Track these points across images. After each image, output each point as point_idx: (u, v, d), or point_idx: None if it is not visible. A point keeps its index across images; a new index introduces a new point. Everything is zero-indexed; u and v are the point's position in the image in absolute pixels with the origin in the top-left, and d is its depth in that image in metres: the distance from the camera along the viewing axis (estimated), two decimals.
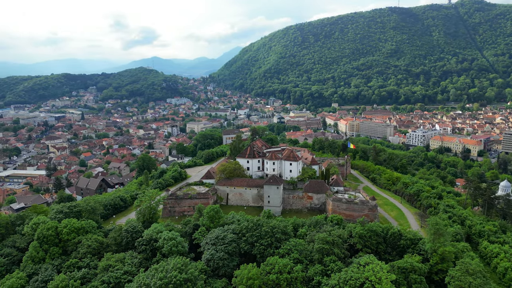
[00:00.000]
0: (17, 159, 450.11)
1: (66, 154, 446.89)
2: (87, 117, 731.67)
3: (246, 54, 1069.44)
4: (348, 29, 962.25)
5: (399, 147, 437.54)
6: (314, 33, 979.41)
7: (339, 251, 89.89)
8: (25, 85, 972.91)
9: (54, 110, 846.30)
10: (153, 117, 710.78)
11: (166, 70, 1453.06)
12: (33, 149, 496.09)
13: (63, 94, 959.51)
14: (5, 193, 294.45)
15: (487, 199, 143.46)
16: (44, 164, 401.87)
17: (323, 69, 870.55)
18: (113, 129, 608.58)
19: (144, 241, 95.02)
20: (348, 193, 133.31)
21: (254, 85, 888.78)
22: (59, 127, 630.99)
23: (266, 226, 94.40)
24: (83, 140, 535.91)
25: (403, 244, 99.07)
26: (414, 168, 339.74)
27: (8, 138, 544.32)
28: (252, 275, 79.95)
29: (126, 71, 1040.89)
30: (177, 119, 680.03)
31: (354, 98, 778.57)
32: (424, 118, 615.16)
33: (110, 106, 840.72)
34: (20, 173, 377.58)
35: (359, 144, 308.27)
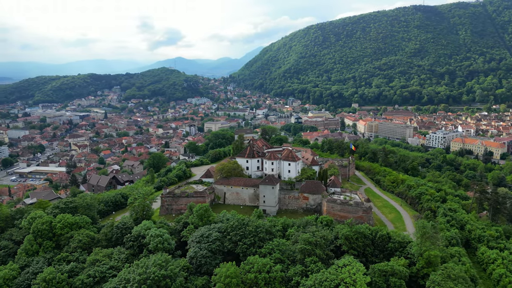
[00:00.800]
0: (41, 156, 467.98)
1: (86, 151, 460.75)
2: (110, 116, 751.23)
3: (267, 54, 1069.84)
4: (371, 28, 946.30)
5: (417, 148, 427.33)
6: (336, 33, 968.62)
7: (321, 252, 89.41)
8: (53, 85, 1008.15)
9: (79, 109, 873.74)
10: (173, 116, 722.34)
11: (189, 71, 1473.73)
12: (57, 146, 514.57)
13: (89, 94, 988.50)
14: (25, 189, 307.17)
15: (492, 203, 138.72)
16: (65, 161, 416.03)
17: (343, 69, 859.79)
18: (133, 128, 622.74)
19: (132, 237, 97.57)
20: (345, 194, 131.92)
21: (274, 85, 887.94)
22: (82, 126, 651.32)
23: (250, 226, 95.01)
24: (104, 138, 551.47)
25: (391, 247, 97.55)
26: (429, 171, 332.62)
27: (34, 136, 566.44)
28: (230, 274, 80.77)
29: (149, 71, 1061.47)
30: (196, 119, 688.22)
31: (375, 99, 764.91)
32: (447, 120, 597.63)
33: (133, 105, 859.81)
34: (42, 169, 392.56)
35: (370, 145, 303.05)
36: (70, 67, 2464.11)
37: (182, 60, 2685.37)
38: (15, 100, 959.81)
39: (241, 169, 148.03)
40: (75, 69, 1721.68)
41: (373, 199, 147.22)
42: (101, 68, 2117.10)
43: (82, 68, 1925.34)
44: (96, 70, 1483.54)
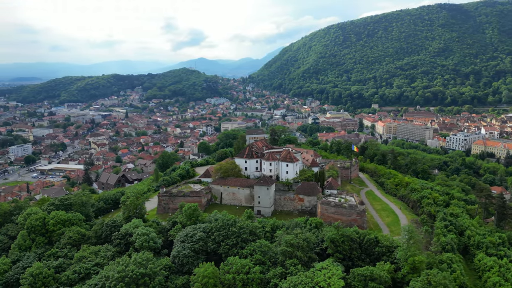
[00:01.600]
0: (62, 154, 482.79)
1: (105, 150, 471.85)
2: (131, 115, 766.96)
3: (286, 54, 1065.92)
4: (393, 28, 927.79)
5: (436, 151, 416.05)
6: (357, 32, 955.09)
7: (303, 254, 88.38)
8: (78, 85, 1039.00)
9: (102, 108, 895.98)
10: (191, 116, 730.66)
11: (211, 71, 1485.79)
12: (78, 145, 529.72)
13: (112, 94, 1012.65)
14: (44, 185, 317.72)
15: (497, 208, 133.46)
16: (84, 159, 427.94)
17: (364, 69, 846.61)
18: (152, 127, 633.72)
19: (119, 235, 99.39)
20: (340, 196, 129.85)
21: (292, 85, 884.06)
22: (104, 125, 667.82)
23: (233, 226, 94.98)
24: (124, 137, 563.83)
25: (378, 252, 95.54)
26: (447, 174, 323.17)
27: (57, 134, 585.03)
28: (207, 274, 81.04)
29: (170, 72, 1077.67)
30: (214, 119, 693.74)
31: (396, 99, 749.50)
32: (471, 121, 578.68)
33: (154, 105, 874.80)
34: (61, 167, 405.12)
35: (387, 147, 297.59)
36: (96, 67, 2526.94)
37: (204, 61, 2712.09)
38: (42, 99, 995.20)
39: (239, 169, 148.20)
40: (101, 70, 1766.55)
41: (373, 202, 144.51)
42: (125, 68, 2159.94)
43: (108, 69, 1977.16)
44: (121, 70, 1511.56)
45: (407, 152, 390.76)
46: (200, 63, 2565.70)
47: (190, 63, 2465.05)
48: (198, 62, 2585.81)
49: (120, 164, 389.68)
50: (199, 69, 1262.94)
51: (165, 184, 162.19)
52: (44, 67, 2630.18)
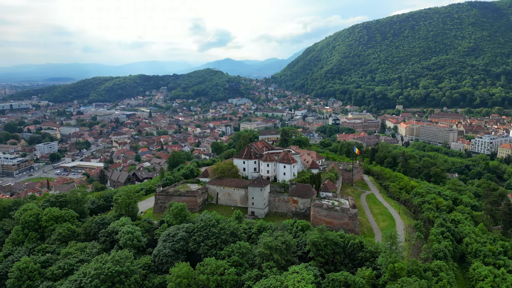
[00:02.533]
0: (85, 152, 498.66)
1: (126, 149, 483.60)
2: (154, 115, 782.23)
3: (309, 54, 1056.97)
4: (420, 26, 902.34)
5: (459, 154, 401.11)
6: (382, 32, 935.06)
7: (280, 257, 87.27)
8: (106, 85, 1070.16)
9: (128, 108, 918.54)
10: (213, 116, 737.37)
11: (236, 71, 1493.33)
12: (101, 143, 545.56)
13: (138, 94, 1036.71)
14: (64, 182, 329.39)
15: (503, 215, 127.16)
16: (105, 157, 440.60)
17: (389, 69, 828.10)
18: (174, 127, 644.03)
19: (106, 232, 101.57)
20: (335, 199, 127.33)
21: (315, 86, 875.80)
22: (127, 124, 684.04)
23: (214, 227, 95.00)
24: (146, 136, 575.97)
25: (361, 257, 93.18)
26: (467, 178, 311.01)
27: (82, 133, 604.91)
28: (181, 274, 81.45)
29: (194, 72, 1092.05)
30: (235, 119, 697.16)
31: (422, 100, 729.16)
32: (501, 123, 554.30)
33: (177, 105, 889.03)
34: (83, 164, 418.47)
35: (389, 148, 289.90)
36: (126, 68, 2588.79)
37: (230, 61, 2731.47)
38: (72, 99, 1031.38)
39: (236, 170, 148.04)
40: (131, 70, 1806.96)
41: (372, 205, 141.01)
42: (154, 69, 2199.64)
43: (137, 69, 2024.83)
44: (149, 71, 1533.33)
45: (427, 155, 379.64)
46: (227, 63, 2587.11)
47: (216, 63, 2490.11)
48: (225, 63, 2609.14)
49: (138, 163, 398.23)
50: (225, 69, 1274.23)
51: (167, 183, 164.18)
52: (77, 68, 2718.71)
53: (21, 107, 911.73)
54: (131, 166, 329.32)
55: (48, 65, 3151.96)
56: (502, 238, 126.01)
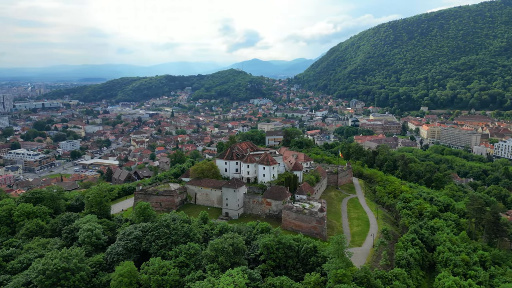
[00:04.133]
0: (106, 150, 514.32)
1: (143, 147, 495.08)
2: (177, 115, 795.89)
3: (333, 55, 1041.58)
4: (449, 25, 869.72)
5: (479, 158, 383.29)
6: (409, 31, 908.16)
7: (225, 259, 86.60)
8: (133, 85, 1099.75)
9: (152, 107, 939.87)
10: (233, 116, 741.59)
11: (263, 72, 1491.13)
12: (121, 141, 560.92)
13: (163, 94, 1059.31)
14: (78, 179, 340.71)
15: (485, 224, 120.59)
16: (122, 155, 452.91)
17: (415, 69, 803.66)
18: (193, 126, 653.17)
19: (68, 229, 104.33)
20: (308, 202, 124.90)
21: (337, 86, 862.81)
22: (149, 123, 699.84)
23: (167, 228, 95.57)
24: (165, 135, 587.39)
25: (313, 262, 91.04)
26: (483, 183, 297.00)
27: (105, 131, 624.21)
28: (123, 273, 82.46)
29: (218, 73, 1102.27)
30: (254, 119, 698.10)
31: (449, 102, 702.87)
32: None
33: (199, 105, 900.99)
34: (101, 162, 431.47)
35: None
36: (157, 68, 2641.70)
37: (258, 62, 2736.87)
38: (101, 98, 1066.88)
39: (216, 170, 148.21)
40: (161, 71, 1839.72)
41: (351, 210, 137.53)
42: (183, 69, 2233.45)
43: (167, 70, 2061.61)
44: (179, 71, 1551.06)
45: (444, 158, 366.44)
46: (254, 64, 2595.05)
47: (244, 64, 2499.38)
48: (252, 63, 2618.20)
49: (152, 161, 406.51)
50: (252, 70, 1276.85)
51: (156, 182, 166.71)
52: (110, 69, 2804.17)
53: (53, 106, 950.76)
54: (140, 165, 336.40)
55: (84, 66, 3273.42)
56: (484, 248, 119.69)
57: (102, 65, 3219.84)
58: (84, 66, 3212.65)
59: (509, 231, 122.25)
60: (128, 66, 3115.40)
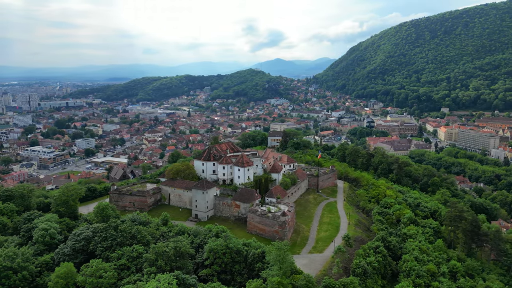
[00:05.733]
0: (119, 148, 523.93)
1: (154, 146, 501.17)
2: (193, 114, 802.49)
3: (353, 54, 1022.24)
4: (475, 23, 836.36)
5: (495, 162, 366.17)
6: (432, 29, 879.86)
7: (164, 263, 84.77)
8: (154, 85, 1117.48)
9: (171, 107, 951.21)
10: (248, 116, 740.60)
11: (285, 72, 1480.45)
12: (135, 140, 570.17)
13: (183, 93, 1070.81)
14: (86, 176, 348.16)
15: (461, 232, 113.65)
16: (133, 154, 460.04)
17: (436, 69, 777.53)
18: (207, 126, 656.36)
19: (26, 228, 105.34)
20: (275, 205, 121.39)
21: (356, 86, 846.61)
22: (165, 122, 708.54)
23: (114, 229, 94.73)
24: (178, 134, 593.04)
25: (258, 267, 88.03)
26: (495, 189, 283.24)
27: (121, 130, 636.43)
28: (60, 274, 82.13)
29: (237, 73, 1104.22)
30: (269, 119, 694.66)
31: (471, 103, 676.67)
32: None
33: (217, 105, 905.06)
34: (111, 160, 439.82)
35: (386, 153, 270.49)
36: (181, 68, 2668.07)
37: (280, 62, 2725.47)
38: (123, 98, 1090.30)
39: (191, 171, 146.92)
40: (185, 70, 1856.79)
41: (325, 214, 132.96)
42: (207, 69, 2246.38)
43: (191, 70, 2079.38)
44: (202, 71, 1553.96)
45: (457, 162, 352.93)
46: (276, 64, 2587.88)
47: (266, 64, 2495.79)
48: (274, 63, 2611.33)
49: (161, 160, 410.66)
50: (274, 70, 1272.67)
51: (140, 181, 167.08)
52: (136, 68, 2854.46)
53: (76, 105, 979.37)
54: (143, 164, 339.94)
55: (110, 66, 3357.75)
56: (460, 258, 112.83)
57: (128, 65, 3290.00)
58: (110, 66, 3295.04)
59: (491, 241, 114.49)
60: (153, 66, 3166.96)
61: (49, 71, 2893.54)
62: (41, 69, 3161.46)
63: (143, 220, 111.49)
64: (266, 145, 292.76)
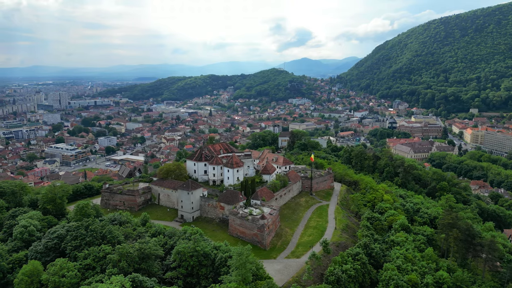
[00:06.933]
0: (139, 147, 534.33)
1: (173, 145, 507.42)
2: (214, 114, 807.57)
3: (378, 53, 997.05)
4: (508, 21, 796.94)
5: None
6: (462, 27, 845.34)
7: (126, 264, 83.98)
8: (179, 85, 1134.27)
9: (194, 106, 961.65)
10: (268, 116, 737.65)
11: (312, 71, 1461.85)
12: (155, 139, 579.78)
13: (206, 93, 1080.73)
14: (102, 173, 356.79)
15: (453, 241, 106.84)
16: (152, 152, 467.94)
17: (466, 69, 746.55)
18: (227, 125, 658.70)
19: (8, 224, 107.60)
20: (259, 208, 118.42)
21: (381, 86, 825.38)
22: (186, 122, 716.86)
23: (85, 229, 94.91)
24: (198, 133, 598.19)
25: (224, 272, 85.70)
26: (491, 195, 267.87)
27: (143, 129, 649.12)
28: (25, 272, 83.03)
29: (260, 72, 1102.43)
30: (289, 119, 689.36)
31: (502, 104, 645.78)
32: None
33: (239, 104, 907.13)
34: (130, 158, 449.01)
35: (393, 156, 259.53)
36: (208, 68, 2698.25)
37: (307, 61, 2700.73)
38: (149, 97, 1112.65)
39: (182, 171, 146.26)
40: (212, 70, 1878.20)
41: (314, 218, 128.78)
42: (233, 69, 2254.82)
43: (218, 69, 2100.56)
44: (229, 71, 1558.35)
45: (479, 165, 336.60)
46: (303, 63, 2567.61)
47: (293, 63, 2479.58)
48: (301, 62, 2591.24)
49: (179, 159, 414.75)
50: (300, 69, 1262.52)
51: (145, 180, 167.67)
52: (165, 68, 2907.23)
53: (104, 104, 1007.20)
54: (156, 162, 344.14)
55: (140, 66, 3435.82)
56: (450, 268, 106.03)
57: (158, 65, 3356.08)
58: (140, 66, 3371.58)
59: (485, 251, 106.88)
60: (182, 66, 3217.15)
61: (83, 71, 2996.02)
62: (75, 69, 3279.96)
63: (123, 219, 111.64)
64: (278, 146, 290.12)
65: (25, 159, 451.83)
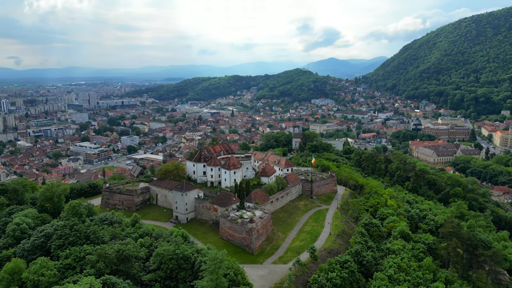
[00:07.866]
0: (160, 146, 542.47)
1: (192, 145, 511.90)
2: (236, 114, 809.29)
3: (406, 53, 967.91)
4: None
5: None
6: (495, 25, 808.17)
7: (104, 265, 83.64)
8: (203, 85, 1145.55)
9: (217, 106, 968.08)
10: (290, 116, 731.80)
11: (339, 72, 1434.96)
12: (176, 138, 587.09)
13: (230, 93, 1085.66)
14: (119, 171, 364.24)
15: (453, 250, 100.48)
16: (171, 152, 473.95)
17: (498, 68, 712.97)
18: (247, 126, 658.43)
19: (3, 221, 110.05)
20: (251, 211, 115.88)
21: (407, 87, 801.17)
22: (208, 122, 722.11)
23: (68, 228, 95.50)
24: (219, 134, 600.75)
25: (201, 276, 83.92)
26: None
27: (165, 128, 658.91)
28: (7, 269, 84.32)
29: (284, 73, 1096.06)
30: (311, 120, 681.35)
31: None
32: None
33: (261, 105, 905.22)
34: (149, 157, 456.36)
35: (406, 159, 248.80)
36: (234, 68, 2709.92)
37: (334, 61, 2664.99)
38: (174, 97, 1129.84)
39: (181, 172, 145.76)
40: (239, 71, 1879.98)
41: (310, 222, 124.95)
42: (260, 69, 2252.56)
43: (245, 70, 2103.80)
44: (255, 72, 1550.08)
45: (506, 170, 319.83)
46: (330, 63, 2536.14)
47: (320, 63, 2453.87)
48: (328, 63, 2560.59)
49: None
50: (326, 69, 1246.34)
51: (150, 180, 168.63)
52: (193, 69, 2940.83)
53: (130, 104, 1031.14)
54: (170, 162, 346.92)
55: (169, 67, 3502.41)
56: (448, 280, 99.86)
57: (186, 66, 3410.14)
58: (169, 67, 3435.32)
59: (488, 263, 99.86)
60: (209, 67, 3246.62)
61: (114, 72, 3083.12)
62: (107, 69, 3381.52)
63: (115, 219, 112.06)
64: (291, 147, 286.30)
65: (51, 156, 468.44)
